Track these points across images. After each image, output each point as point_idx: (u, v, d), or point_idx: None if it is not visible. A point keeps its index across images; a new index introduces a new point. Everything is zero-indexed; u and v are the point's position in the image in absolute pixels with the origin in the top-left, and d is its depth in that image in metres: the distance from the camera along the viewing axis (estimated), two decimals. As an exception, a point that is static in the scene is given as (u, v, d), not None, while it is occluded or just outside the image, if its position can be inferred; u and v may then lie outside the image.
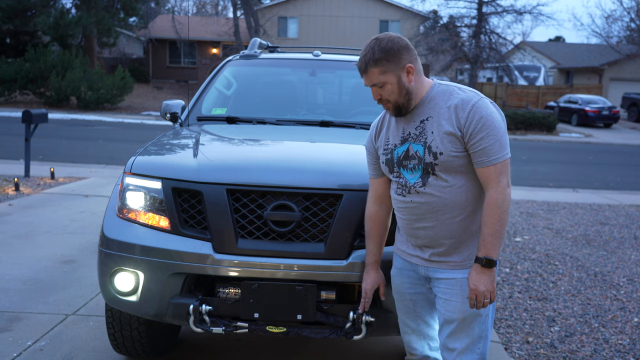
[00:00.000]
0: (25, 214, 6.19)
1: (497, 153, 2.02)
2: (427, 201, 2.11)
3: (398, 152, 2.16)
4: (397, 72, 2.06)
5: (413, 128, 2.13)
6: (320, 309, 2.44)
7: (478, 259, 2.06)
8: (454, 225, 2.12)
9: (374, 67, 2.06)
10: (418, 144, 2.10)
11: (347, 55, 4.60)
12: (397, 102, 2.10)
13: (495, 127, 2.03)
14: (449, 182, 2.08)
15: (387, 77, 2.07)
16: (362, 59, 2.09)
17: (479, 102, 2.05)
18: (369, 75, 2.09)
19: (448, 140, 2.04)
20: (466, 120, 2.02)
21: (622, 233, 6.74)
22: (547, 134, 22.46)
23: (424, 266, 2.21)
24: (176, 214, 2.49)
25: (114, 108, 23.70)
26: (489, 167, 2.03)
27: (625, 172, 12.90)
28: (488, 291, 2.05)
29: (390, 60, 2.05)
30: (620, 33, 37.89)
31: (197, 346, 3.36)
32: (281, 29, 33.37)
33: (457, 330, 2.17)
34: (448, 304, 2.16)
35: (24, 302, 3.87)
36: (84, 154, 11.49)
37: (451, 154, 2.04)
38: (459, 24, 29.02)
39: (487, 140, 2.01)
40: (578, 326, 3.93)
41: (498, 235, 2.04)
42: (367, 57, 2.07)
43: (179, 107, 3.84)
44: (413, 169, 2.12)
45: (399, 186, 2.18)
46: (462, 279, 2.14)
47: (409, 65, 2.07)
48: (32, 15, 24.89)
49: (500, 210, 2.03)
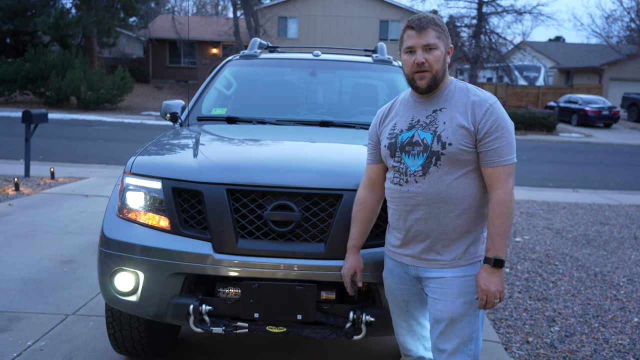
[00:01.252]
0: (25, 214, 6.19)
1: (508, 154, 2.07)
2: (424, 191, 2.11)
3: (403, 138, 2.17)
4: (446, 45, 2.13)
5: (424, 116, 2.15)
6: (320, 309, 2.44)
7: (487, 259, 2.06)
8: (446, 220, 2.11)
9: (433, 27, 2.10)
10: (427, 131, 2.12)
11: (347, 55, 4.60)
12: (437, 72, 2.12)
13: (508, 129, 2.09)
14: (449, 175, 2.08)
15: (440, 42, 2.11)
16: (421, 18, 2.12)
17: (496, 103, 2.11)
18: (426, 34, 2.10)
19: (459, 134, 2.06)
20: (482, 118, 2.06)
21: (622, 233, 6.74)
22: (547, 134, 22.47)
23: (414, 266, 2.21)
24: (176, 214, 2.49)
25: (114, 108, 23.70)
26: (499, 168, 2.06)
27: (625, 172, 12.90)
28: (499, 291, 2.06)
29: (444, 32, 2.13)
30: (620, 33, 37.93)
31: (197, 346, 3.36)
32: (281, 29, 33.37)
33: (446, 330, 2.15)
34: (437, 303, 2.16)
35: (24, 302, 3.87)
36: (84, 154, 11.49)
37: (460, 147, 2.06)
38: (459, 24, 29.01)
39: (500, 140, 2.05)
40: (578, 326, 3.93)
41: (506, 235, 2.05)
42: (429, 17, 2.12)
43: (179, 107, 3.84)
44: (416, 155, 2.12)
45: (397, 173, 2.17)
46: (451, 278, 2.14)
47: (451, 46, 2.17)
48: (32, 15, 24.90)
49: (508, 210, 2.05)
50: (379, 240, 2.46)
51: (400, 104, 2.27)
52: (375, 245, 2.46)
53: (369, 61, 4.34)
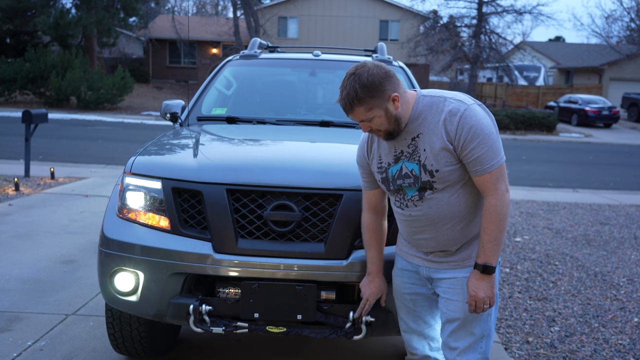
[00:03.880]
0: (25, 214, 6.19)
1: (491, 160, 2.00)
2: (425, 214, 2.11)
3: (392, 171, 2.15)
4: (383, 105, 2.00)
5: (405, 146, 2.11)
6: (320, 309, 2.44)
7: (477, 265, 2.07)
8: (454, 234, 2.13)
9: (358, 106, 1.99)
10: (412, 162, 2.09)
11: (347, 55, 4.59)
12: (387, 130, 2.06)
13: (486, 134, 1.99)
14: (446, 194, 2.08)
15: (374, 112, 2.01)
16: (345, 99, 2.00)
17: (466, 111, 2.00)
18: (355, 114, 2.02)
19: (442, 156, 2.02)
20: (456, 132, 1.99)
21: (622, 233, 6.74)
22: (547, 134, 22.46)
23: (425, 267, 2.22)
24: (176, 214, 2.49)
25: (114, 108, 23.70)
26: (485, 176, 2.02)
27: (625, 172, 12.89)
28: (487, 297, 2.06)
29: (374, 96, 1.98)
30: (620, 33, 37.88)
31: (197, 346, 3.36)
32: (281, 29, 33.36)
33: (458, 329, 2.17)
34: (450, 303, 2.17)
35: (24, 302, 3.87)
36: (84, 154, 11.49)
37: (446, 169, 2.03)
38: (459, 24, 29.03)
39: (479, 149, 1.99)
40: (578, 326, 3.93)
41: (497, 241, 2.04)
42: (350, 96, 1.98)
43: (179, 107, 3.84)
44: (409, 186, 2.12)
45: (398, 199, 2.18)
46: (463, 277, 2.15)
47: (394, 94, 2.01)
48: (32, 15, 24.91)
49: (500, 217, 2.02)
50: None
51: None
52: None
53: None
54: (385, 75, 2.00)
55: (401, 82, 2.07)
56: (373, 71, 1.98)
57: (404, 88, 2.09)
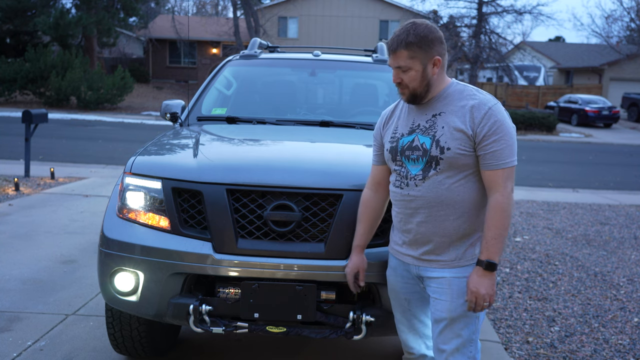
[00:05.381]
0: (25, 214, 6.19)
1: (507, 158, 2.04)
2: (424, 195, 2.11)
3: (403, 142, 2.17)
4: (424, 61, 2.07)
5: (424, 120, 2.15)
6: (320, 309, 2.44)
7: (480, 261, 2.06)
8: (446, 224, 2.12)
9: (404, 49, 2.05)
10: (426, 136, 2.11)
11: (347, 55, 4.59)
12: (415, 90, 2.11)
13: (509, 132, 2.06)
14: (449, 178, 2.09)
15: (414, 62, 2.07)
16: (394, 38, 2.06)
17: (496, 106, 2.08)
18: (396, 56, 2.08)
19: (457, 137, 2.05)
20: (481, 121, 2.04)
21: (622, 233, 6.74)
22: (547, 134, 22.47)
23: (415, 265, 2.22)
24: (176, 214, 2.49)
25: (114, 108, 23.70)
26: (498, 171, 2.04)
27: (625, 172, 12.90)
28: (488, 294, 2.06)
29: (421, 47, 2.05)
30: (620, 33, 37.92)
31: (197, 346, 3.36)
32: (281, 29, 33.37)
33: (445, 330, 2.16)
34: (438, 303, 2.17)
35: (24, 302, 3.87)
36: (84, 154, 11.49)
37: (458, 151, 2.05)
38: (459, 24, 29.00)
39: (499, 143, 2.03)
40: (578, 326, 3.93)
41: (501, 239, 2.04)
42: (401, 37, 2.04)
43: (179, 107, 3.84)
44: (416, 159, 2.12)
45: (399, 177, 2.19)
46: (451, 278, 2.14)
47: (438, 57, 2.08)
48: (32, 15, 24.90)
49: (505, 214, 2.03)
50: (379, 240, 2.47)
51: (403, 107, 2.27)
52: (376, 245, 2.46)
53: (369, 61, 4.34)
54: (440, 38, 2.09)
55: (447, 57, 2.14)
56: (431, 28, 2.07)
57: (446, 64, 2.15)
